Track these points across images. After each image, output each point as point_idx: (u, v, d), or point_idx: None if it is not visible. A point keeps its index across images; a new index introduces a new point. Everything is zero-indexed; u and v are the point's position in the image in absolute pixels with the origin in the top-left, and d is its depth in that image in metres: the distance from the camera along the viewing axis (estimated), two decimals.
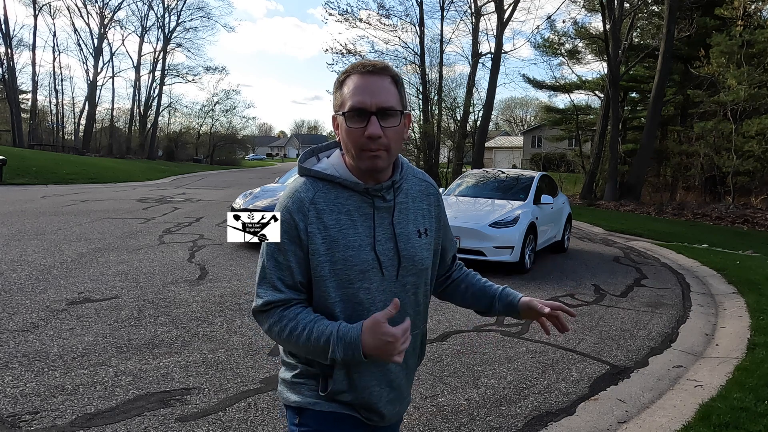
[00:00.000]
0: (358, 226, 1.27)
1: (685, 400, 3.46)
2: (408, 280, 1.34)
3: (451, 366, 3.92)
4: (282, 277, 1.26)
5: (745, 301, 6.07)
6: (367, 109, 1.20)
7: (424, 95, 25.67)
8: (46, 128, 50.04)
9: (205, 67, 64.86)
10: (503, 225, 7.24)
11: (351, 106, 1.21)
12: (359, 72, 1.24)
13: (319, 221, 1.25)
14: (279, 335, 1.26)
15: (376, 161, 1.23)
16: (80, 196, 14.59)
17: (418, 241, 1.35)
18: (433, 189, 1.44)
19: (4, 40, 39.41)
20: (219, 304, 5.10)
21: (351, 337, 1.18)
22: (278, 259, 1.26)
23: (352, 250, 1.25)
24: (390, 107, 1.22)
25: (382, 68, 1.25)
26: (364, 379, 1.30)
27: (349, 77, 1.25)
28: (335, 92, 1.28)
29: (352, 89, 1.22)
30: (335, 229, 1.25)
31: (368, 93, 1.21)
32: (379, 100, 1.21)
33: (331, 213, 1.26)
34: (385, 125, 1.22)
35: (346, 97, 1.23)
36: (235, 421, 2.94)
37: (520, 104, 70.04)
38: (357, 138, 1.22)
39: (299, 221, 1.24)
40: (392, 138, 1.23)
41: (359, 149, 1.23)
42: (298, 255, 1.25)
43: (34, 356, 3.62)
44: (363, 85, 1.22)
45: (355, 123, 1.21)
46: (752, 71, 18.88)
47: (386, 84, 1.24)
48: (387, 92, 1.23)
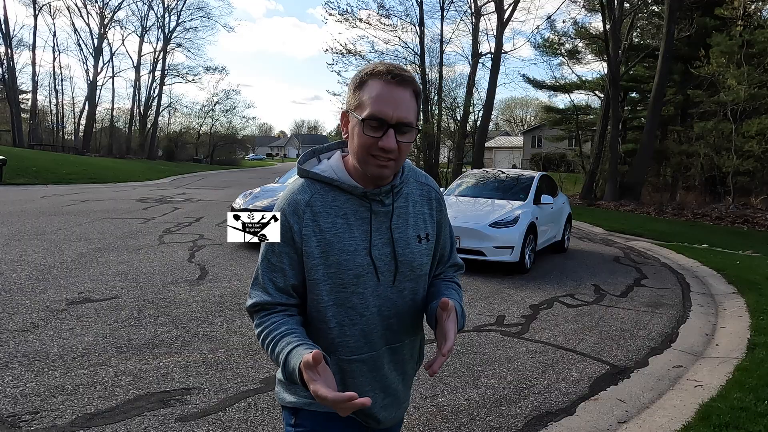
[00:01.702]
0: (354, 230, 1.26)
1: (685, 400, 3.45)
2: (406, 285, 1.32)
3: (451, 366, 3.92)
4: (273, 279, 1.26)
5: (745, 301, 6.07)
6: (387, 120, 1.18)
7: (424, 95, 25.66)
8: (46, 128, 50.05)
9: (205, 67, 64.99)
10: (503, 225, 7.24)
11: (371, 114, 1.18)
12: (385, 80, 1.19)
13: (315, 224, 1.24)
14: (258, 337, 1.26)
15: (383, 170, 1.22)
16: (80, 196, 14.59)
17: (418, 246, 1.33)
18: (435, 193, 1.41)
19: (4, 40, 39.44)
20: (219, 304, 5.10)
21: (291, 365, 1.12)
22: (271, 260, 1.26)
23: (346, 254, 1.24)
24: (409, 122, 1.20)
25: (408, 80, 1.21)
26: (357, 383, 1.29)
27: (372, 80, 1.20)
28: (354, 90, 1.24)
29: (374, 96, 1.19)
30: (331, 232, 1.24)
31: (392, 105, 1.18)
32: (400, 115, 1.19)
33: (327, 216, 1.25)
34: (401, 139, 1.20)
35: (366, 102, 1.20)
36: (235, 421, 2.94)
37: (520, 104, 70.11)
38: (370, 146, 1.20)
39: (294, 223, 1.24)
40: (403, 151, 1.23)
41: (369, 155, 1.21)
42: (292, 257, 1.25)
43: (34, 356, 3.62)
44: (387, 95, 1.18)
45: (371, 132, 1.19)
46: (752, 71, 18.89)
47: (408, 97, 1.21)
48: (408, 107, 1.20)
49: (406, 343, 1.37)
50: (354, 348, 1.28)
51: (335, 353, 1.27)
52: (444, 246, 1.45)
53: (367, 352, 1.29)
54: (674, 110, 25.87)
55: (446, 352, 1.16)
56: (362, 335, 1.28)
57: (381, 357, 1.31)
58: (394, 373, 1.36)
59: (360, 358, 1.29)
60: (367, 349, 1.29)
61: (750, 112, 19.52)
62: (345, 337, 1.27)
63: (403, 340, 1.36)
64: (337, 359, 1.28)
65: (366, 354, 1.29)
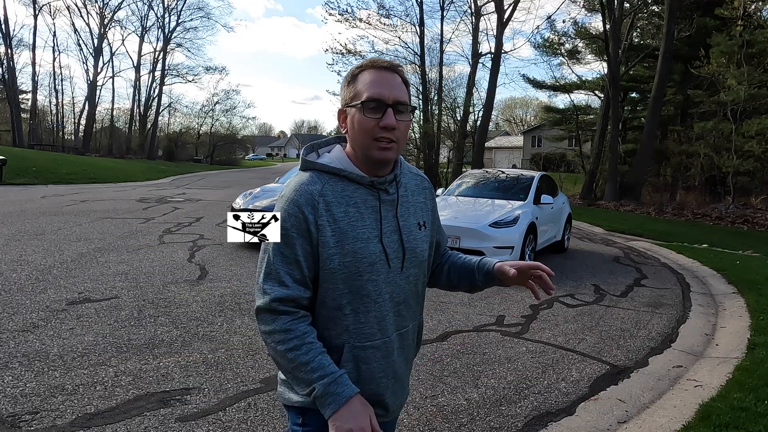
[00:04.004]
0: (366, 219, 1.30)
1: (685, 400, 3.45)
2: (411, 271, 1.38)
3: (451, 366, 3.92)
4: (290, 272, 1.26)
5: (745, 301, 6.07)
6: (384, 101, 1.25)
7: (424, 95, 25.62)
8: (46, 128, 50.05)
9: (205, 67, 64.99)
10: (503, 225, 7.24)
11: (369, 97, 1.26)
12: (376, 67, 1.30)
13: (329, 213, 1.26)
14: (277, 343, 1.25)
15: (387, 152, 1.27)
16: (80, 196, 14.59)
17: (419, 233, 1.40)
18: (427, 183, 1.50)
19: (4, 40, 39.45)
20: (219, 304, 5.09)
21: (343, 391, 1.22)
22: (285, 253, 1.26)
23: (361, 242, 1.27)
24: (405, 102, 1.29)
25: (396, 67, 1.31)
26: (372, 369, 1.32)
27: (364, 71, 1.30)
28: (347, 86, 1.32)
29: (369, 82, 1.27)
30: (344, 221, 1.27)
31: (387, 86, 1.27)
32: (396, 94, 1.27)
33: (339, 205, 1.27)
34: (399, 119, 1.27)
35: (361, 89, 1.27)
36: (235, 421, 2.94)
37: (520, 104, 70.08)
38: (371, 128, 1.26)
39: (309, 214, 1.25)
40: (402, 132, 1.29)
41: (372, 139, 1.26)
42: (306, 249, 1.26)
43: (34, 356, 3.62)
44: (380, 79, 1.28)
45: (371, 113, 1.25)
46: (752, 71, 18.87)
47: (399, 81, 1.30)
48: (401, 89, 1.29)
49: (410, 327, 1.42)
50: (368, 335, 1.31)
51: (349, 341, 1.30)
52: (439, 231, 1.55)
53: (380, 338, 1.32)
54: (674, 110, 25.86)
55: (538, 265, 1.42)
56: (376, 322, 1.31)
57: (392, 342, 1.35)
58: (401, 358, 1.40)
59: (374, 345, 1.32)
60: (380, 335, 1.32)
61: (750, 112, 19.51)
62: (360, 324, 1.30)
63: (409, 325, 1.41)
64: (351, 347, 1.30)
65: (379, 340, 1.32)
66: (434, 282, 1.59)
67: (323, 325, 1.30)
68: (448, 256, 1.60)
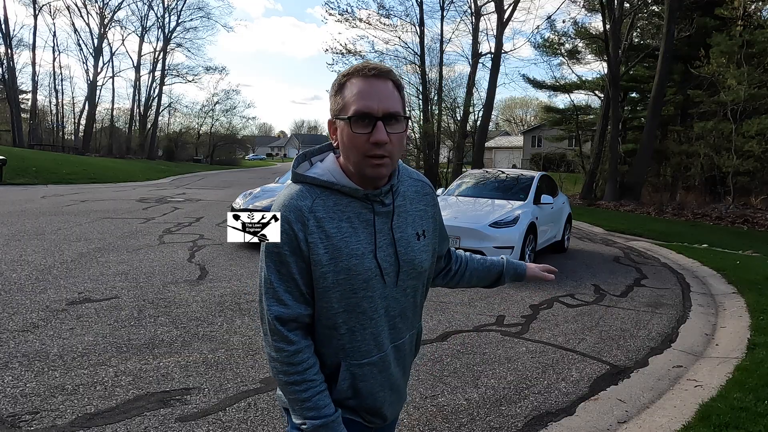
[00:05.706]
0: (360, 233, 1.23)
1: (685, 400, 3.45)
2: (408, 284, 1.32)
3: (451, 366, 3.92)
4: (288, 290, 1.22)
5: (745, 301, 6.07)
6: (373, 114, 1.16)
7: (424, 95, 25.64)
8: (46, 128, 50.04)
9: (205, 67, 65.13)
10: (503, 225, 7.24)
11: (357, 111, 1.16)
12: (362, 75, 1.18)
13: (320, 230, 1.20)
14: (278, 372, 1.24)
15: (380, 169, 1.19)
16: (80, 196, 14.59)
17: (417, 244, 1.33)
18: (428, 188, 1.41)
19: (4, 40, 39.43)
20: (219, 304, 5.09)
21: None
22: (281, 270, 1.21)
23: (355, 259, 1.21)
24: (396, 112, 1.18)
25: (385, 72, 1.20)
26: (369, 385, 1.29)
27: (350, 80, 1.19)
28: (334, 95, 1.22)
29: (356, 93, 1.17)
30: (338, 237, 1.20)
31: (375, 98, 1.16)
32: (385, 105, 1.17)
33: (331, 221, 1.21)
34: (391, 131, 1.17)
35: (349, 101, 1.18)
36: (235, 421, 2.94)
37: (520, 104, 70.04)
38: (361, 144, 1.17)
39: (298, 231, 1.19)
40: (396, 144, 1.19)
41: (363, 156, 1.18)
42: (300, 266, 1.21)
43: (34, 356, 3.62)
44: (367, 89, 1.17)
45: (360, 128, 1.16)
46: (752, 71, 18.86)
47: (390, 88, 1.19)
48: (392, 97, 1.19)
49: (407, 338, 1.38)
50: (365, 352, 1.27)
51: (346, 359, 1.26)
52: (442, 236, 1.49)
53: (377, 354, 1.29)
54: (674, 110, 25.84)
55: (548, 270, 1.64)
56: (372, 338, 1.27)
57: (388, 356, 1.32)
58: (398, 369, 1.37)
59: (371, 361, 1.28)
60: (377, 351, 1.29)
61: (750, 112, 19.50)
62: (356, 343, 1.26)
63: (405, 336, 1.37)
64: (348, 364, 1.27)
65: (376, 356, 1.29)
66: (455, 285, 1.60)
67: (320, 342, 1.27)
68: (466, 261, 1.58)
